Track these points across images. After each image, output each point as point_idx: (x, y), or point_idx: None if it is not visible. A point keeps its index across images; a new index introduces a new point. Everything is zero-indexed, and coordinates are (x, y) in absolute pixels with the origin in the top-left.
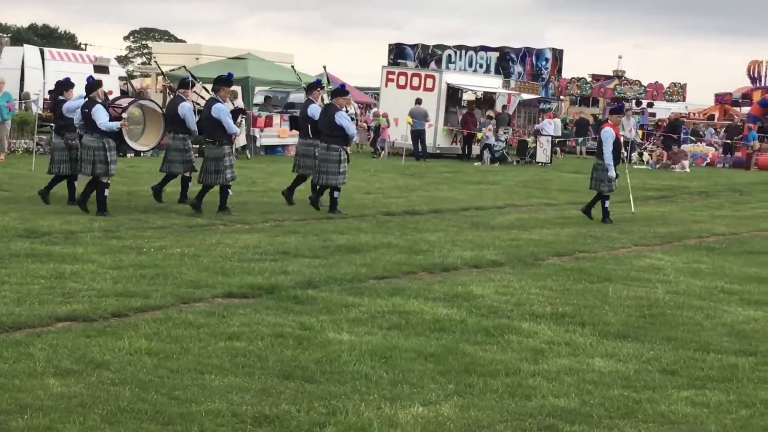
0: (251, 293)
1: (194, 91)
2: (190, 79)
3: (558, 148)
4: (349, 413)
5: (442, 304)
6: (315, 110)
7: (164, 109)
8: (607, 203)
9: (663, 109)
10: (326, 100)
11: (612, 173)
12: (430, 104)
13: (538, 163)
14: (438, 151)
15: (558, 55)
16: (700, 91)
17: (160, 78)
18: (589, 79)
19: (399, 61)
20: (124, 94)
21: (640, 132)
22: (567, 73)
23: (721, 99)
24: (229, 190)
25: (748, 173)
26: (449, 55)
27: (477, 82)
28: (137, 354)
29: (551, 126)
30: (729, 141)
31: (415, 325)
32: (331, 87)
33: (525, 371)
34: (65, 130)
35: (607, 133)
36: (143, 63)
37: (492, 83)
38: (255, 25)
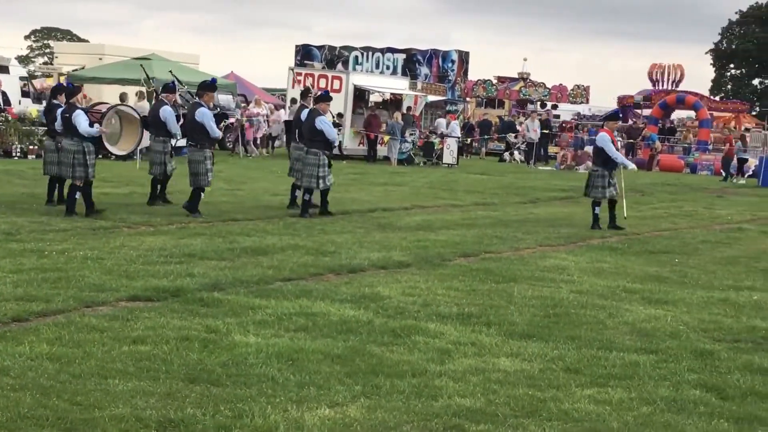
0: (156, 296)
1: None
2: (176, 83)
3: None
4: (255, 416)
5: (349, 306)
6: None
7: (148, 113)
8: (597, 209)
9: (567, 111)
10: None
11: (631, 165)
12: (337, 106)
13: (445, 164)
14: (345, 153)
15: (464, 57)
16: (603, 94)
17: (145, 83)
18: (494, 81)
19: (306, 62)
20: (25, 94)
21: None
22: (473, 75)
23: (623, 101)
24: (201, 194)
25: (650, 174)
26: (356, 57)
27: (384, 84)
28: (38, 359)
29: (458, 127)
30: (632, 141)
31: (322, 326)
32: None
33: (431, 372)
34: (57, 134)
35: (604, 138)
36: (45, 63)
37: (399, 85)
38: (159, 25)
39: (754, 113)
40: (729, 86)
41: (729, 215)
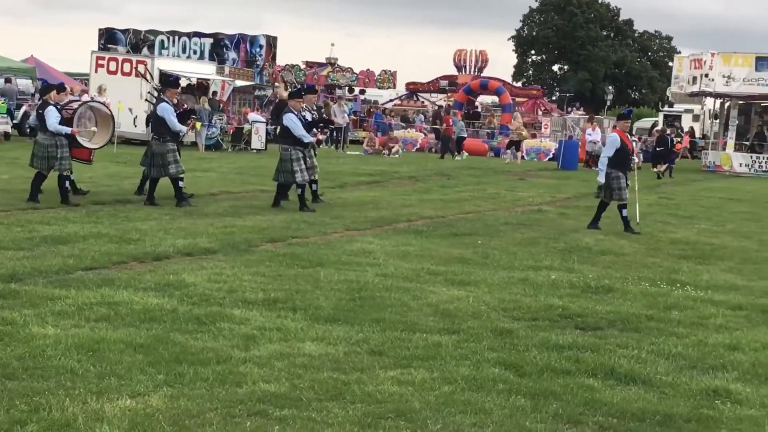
0: None
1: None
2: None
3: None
4: (52, 409)
5: (153, 294)
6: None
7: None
8: (625, 212)
9: (375, 96)
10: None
11: (600, 178)
12: (142, 90)
13: (253, 149)
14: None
15: (272, 42)
16: (410, 78)
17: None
18: (302, 66)
19: (109, 46)
20: None
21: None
22: (281, 60)
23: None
24: (180, 183)
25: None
26: (162, 41)
27: (190, 69)
28: None
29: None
30: (437, 127)
31: (125, 315)
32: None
33: (236, 358)
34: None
35: (611, 139)
36: None
37: (206, 70)
38: None
39: (553, 98)
40: (530, 72)
41: (530, 197)
